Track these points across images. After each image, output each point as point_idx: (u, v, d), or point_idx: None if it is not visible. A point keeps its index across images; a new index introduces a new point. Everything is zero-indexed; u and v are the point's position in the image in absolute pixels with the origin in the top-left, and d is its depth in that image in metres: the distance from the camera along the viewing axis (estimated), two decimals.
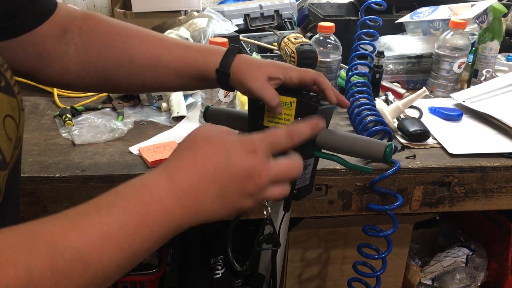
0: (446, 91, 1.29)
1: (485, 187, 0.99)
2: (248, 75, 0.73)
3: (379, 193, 0.97)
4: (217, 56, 0.75)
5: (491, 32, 1.30)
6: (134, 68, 0.75)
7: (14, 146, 0.54)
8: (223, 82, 0.75)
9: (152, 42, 0.76)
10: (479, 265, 1.41)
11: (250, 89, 0.73)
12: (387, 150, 0.72)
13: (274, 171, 0.52)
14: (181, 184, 0.48)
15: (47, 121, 1.11)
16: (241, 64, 0.74)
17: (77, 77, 0.75)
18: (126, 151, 0.99)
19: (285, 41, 1.16)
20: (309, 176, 0.81)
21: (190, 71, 0.76)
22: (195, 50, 0.77)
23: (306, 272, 1.30)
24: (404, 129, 1.05)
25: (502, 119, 1.09)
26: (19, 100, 0.56)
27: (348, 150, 0.76)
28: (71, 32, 0.73)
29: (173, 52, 0.76)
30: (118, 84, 0.77)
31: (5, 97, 0.52)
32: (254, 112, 0.78)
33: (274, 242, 0.81)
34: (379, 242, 1.00)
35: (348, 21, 1.42)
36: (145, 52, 0.74)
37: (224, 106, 1.06)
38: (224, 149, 0.51)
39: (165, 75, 0.76)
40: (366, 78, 1.15)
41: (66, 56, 0.73)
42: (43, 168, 0.90)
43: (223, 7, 1.59)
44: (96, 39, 0.74)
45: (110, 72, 0.75)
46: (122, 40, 0.74)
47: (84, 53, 0.73)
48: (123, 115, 1.15)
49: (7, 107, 0.52)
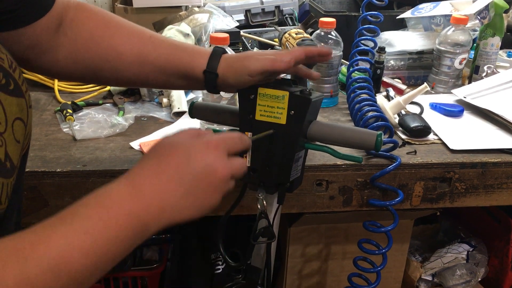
0: (447, 87, 1.29)
1: (485, 183, 0.99)
2: (243, 63, 0.73)
3: (380, 189, 0.97)
4: (203, 57, 0.75)
5: (492, 28, 1.29)
6: (120, 63, 0.75)
7: (22, 147, 0.54)
8: (210, 83, 0.76)
9: (140, 39, 0.76)
10: (479, 261, 1.42)
11: (250, 69, 0.72)
12: (378, 140, 0.74)
13: (233, 166, 0.56)
14: (143, 188, 0.50)
15: (48, 116, 1.11)
16: (229, 61, 0.75)
17: (66, 68, 0.75)
18: (127, 146, 0.99)
19: (286, 37, 1.16)
20: (300, 168, 0.82)
21: (175, 70, 0.76)
22: (182, 49, 0.77)
23: (307, 268, 1.30)
24: (405, 125, 1.05)
25: (503, 115, 1.09)
26: (27, 98, 0.56)
27: (340, 141, 0.78)
28: (64, 24, 0.73)
29: (159, 50, 0.76)
30: (104, 77, 0.78)
31: (14, 100, 0.53)
32: (245, 106, 0.77)
33: (270, 235, 0.81)
34: (379, 237, 1.00)
35: (349, 17, 1.42)
36: (131, 49, 0.75)
37: (225, 101, 1.06)
38: (184, 151, 0.53)
39: (151, 71, 0.76)
40: (367, 74, 1.15)
41: (57, 48, 0.73)
42: (44, 163, 0.90)
43: (224, 2, 1.59)
44: (85, 33, 0.74)
45: (98, 66, 0.75)
46: (110, 35, 0.75)
47: (74, 46, 0.74)
48: (124, 110, 1.15)
49: (16, 109, 0.53)
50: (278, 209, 0.83)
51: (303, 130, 0.76)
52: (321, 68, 1.16)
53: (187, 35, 1.30)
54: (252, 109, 0.77)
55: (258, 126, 0.76)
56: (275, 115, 0.75)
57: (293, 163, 0.77)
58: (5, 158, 0.50)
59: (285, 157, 0.76)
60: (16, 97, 0.53)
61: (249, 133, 0.77)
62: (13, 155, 0.51)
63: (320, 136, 0.78)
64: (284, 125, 0.75)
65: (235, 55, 0.77)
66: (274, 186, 0.79)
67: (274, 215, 0.83)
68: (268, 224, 0.81)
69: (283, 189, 0.80)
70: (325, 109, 1.18)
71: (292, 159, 0.76)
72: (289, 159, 0.76)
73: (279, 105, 0.75)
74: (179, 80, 0.78)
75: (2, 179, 0.49)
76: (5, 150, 0.50)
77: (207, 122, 1.04)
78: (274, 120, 0.75)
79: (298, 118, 0.74)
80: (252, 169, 0.78)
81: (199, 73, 0.75)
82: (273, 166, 0.77)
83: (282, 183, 0.79)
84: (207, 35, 1.35)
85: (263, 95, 0.76)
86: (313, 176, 0.94)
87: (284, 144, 0.76)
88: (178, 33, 1.28)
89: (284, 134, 0.75)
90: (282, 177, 0.78)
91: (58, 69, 0.75)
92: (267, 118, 0.76)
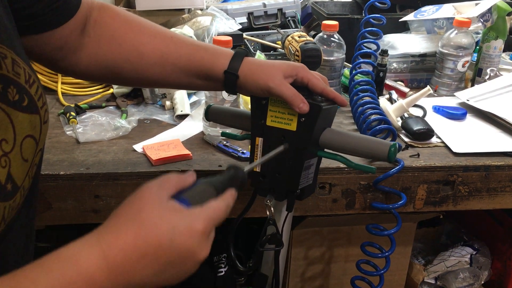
0: (450, 90, 1.29)
1: (489, 186, 0.99)
2: (265, 75, 0.73)
3: (383, 192, 0.97)
4: (225, 57, 0.75)
5: (495, 31, 1.29)
6: (142, 63, 0.75)
7: (30, 165, 0.54)
8: (230, 84, 0.75)
9: (162, 39, 0.76)
10: (482, 264, 1.41)
11: (270, 87, 0.72)
12: (391, 150, 0.72)
13: (210, 244, 0.52)
14: (115, 261, 0.46)
15: (51, 119, 1.12)
16: (251, 66, 0.74)
17: (88, 67, 0.76)
18: (130, 149, 0.99)
19: (289, 40, 1.16)
20: (312, 175, 0.81)
21: (196, 69, 0.76)
22: (203, 49, 0.77)
23: (310, 271, 1.30)
24: (408, 127, 1.05)
25: (506, 118, 1.09)
26: (43, 114, 0.56)
27: (352, 150, 0.76)
28: (88, 25, 0.74)
29: (181, 50, 0.76)
30: (125, 77, 0.78)
31: (26, 117, 0.52)
32: (257, 111, 0.77)
33: (277, 242, 0.81)
34: (382, 240, 1.00)
35: (352, 20, 1.42)
36: (153, 49, 0.75)
37: (228, 104, 1.06)
38: (168, 230, 0.48)
39: (172, 72, 0.76)
40: (370, 76, 1.15)
41: (81, 49, 0.74)
42: (47, 165, 0.90)
43: (227, 5, 1.59)
44: (108, 33, 0.75)
45: (119, 66, 0.76)
46: (133, 36, 0.75)
47: (97, 46, 0.75)
48: (127, 113, 1.15)
49: (28, 127, 0.52)
50: (287, 216, 0.83)
51: (314, 138, 0.75)
52: (324, 70, 1.16)
53: (190, 38, 1.30)
54: (264, 114, 0.77)
55: (269, 132, 0.76)
56: (286, 121, 0.75)
57: (302, 170, 0.76)
58: (6, 180, 0.49)
59: (295, 164, 0.76)
60: (29, 114, 0.53)
61: (260, 138, 0.77)
62: (17, 176, 0.51)
63: (332, 144, 0.77)
64: (294, 132, 0.75)
65: (258, 62, 0.76)
66: (284, 193, 0.79)
67: (283, 223, 0.82)
68: (276, 231, 0.80)
69: (293, 197, 0.79)
70: None
71: (301, 167, 0.76)
72: (298, 166, 0.76)
73: (290, 111, 0.75)
74: (200, 80, 0.77)
75: (4, 203, 0.48)
76: (8, 171, 0.49)
77: (210, 124, 1.04)
78: (285, 126, 0.75)
79: (308, 125, 0.74)
80: (262, 175, 0.78)
81: (220, 73, 0.75)
82: (282, 172, 0.77)
83: (291, 190, 0.78)
84: (209, 38, 1.35)
85: (275, 101, 0.76)
86: None
87: (293, 151, 0.75)
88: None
89: (293, 141, 0.75)
90: (291, 184, 0.77)
91: (82, 68, 0.76)
92: (277, 124, 0.76)
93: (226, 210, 0.54)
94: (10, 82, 0.51)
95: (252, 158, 0.78)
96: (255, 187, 0.82)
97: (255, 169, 0.78)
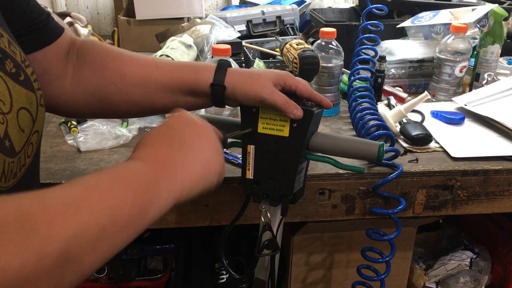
0: (448, 95, 1.30)
1: (487, 190, 0.99)
2: (255, 85, 0.74)
3: (382, 197, 0.97)
4: (209, 71, 0.76)
5: (492, 36, 1.30)
6: (126, 84, 0.76)
7: (27, 139, 0.55)
8: (217, 96, 0.76)
9: (143, 61, 0.78)
10: (483, 268, 1.41)
11: (263, 97, 0.73)
12: (380, 150, 0.74)
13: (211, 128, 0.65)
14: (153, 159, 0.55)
15: (53, 128, 1.13)
16: (239, 77, 0.75)
17: (73, 95, 0.76)
18: None
19: (287, 47, 1.17)
20: (303, 179, 0.83)
21: (181, 86, 0.76)
22: (186, 66, 0.78)
23: (311, 276, 1.30)
24: (407, 133, 1.06)
25: (504, 123, 1.10)
26: (39, 96, 0.57)
27: (342, 151, 0.78)
28: (71, 53, 0.76)
29: (163, 68, 0.77)
30: (110, 102, 0.77)
31: (23, 90, 0.54)
32: (247, 119, 0.78)
33: (274, 247, 0.81)
34: (383, 245, 1.00)
35: (350, 26, 1.43)
36: (136, 70, 0.76)
37: (227, 112, 1.07)
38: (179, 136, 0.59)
39: (156, 90, 0.76)
40: (368, 82, 1.16)
41: (65, 75, 0.75)
42: (49, 175, 0.91)
43: (226, 13, 1.60)
44: (91, 59, 0.76)
45: (104, 89, 0.76)
46: (115, 60, 0.77)
47: (80, 72, 0.76)
48: (127, 121, 1.15)
49: (24, 100, 0.54)
50: (281, 221, 0.84)
51: (305, 142, 0.76)
52: (323, 77, 1.17)
53: (190, 46, 1.31)
54: (255, 121, 0.77)
55: (260, 139, 0.77)
56: (278, 128, 0.76)
57: (296, 175, 0.77)
58: (4, 136, 0.50)
59: (289, 169, 0.76)
60: (26, 89, 0.54)
61: (252, 145, 0.78)
62: (14, 139, 0.51)
63: (322, 147, 0.78)
64: (287, 138, 0.75)
65: (244, 72, 0.77)
66: (278, 198, 0.80)
67: (278, 227, 0.83)
68: (272, 236, 0.81)
69: (287, 201, 0.80)
70: (327, 118, 1.19)
71: (295, 171, 0.76)
72: (292, 171, 0.76)
73: (282, 118, 0.75)
74: (186, 97, 0.78)
75: (4, 157, 0.49)
76: (5, 129, 0.50)
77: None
78: (277, 133, 0.76)
79: (301, 131, 0.75)
80: (255, 181, 0.79)
81: (206, 86, 0.75)
82: (276, 178, 0.78)
83: (285, 195, 0.79)
84: (209, 46, 1.36)
85: (266, 108, 0.76)
86: (315, 185, 0.95)
87: (287, 157, 0.76)
88: (180, 44, 1.30)
89: (287, 147, 0.76)
90: (285, 189, 0.78)
91: (66, 97, 0.76)
92: (269, 130, 0.76)
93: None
94: (7, 56, 0.53)
95: (245, 165, 0.79)
96: (248, 194, 0.82)
97: (248, 176, 0.79)
